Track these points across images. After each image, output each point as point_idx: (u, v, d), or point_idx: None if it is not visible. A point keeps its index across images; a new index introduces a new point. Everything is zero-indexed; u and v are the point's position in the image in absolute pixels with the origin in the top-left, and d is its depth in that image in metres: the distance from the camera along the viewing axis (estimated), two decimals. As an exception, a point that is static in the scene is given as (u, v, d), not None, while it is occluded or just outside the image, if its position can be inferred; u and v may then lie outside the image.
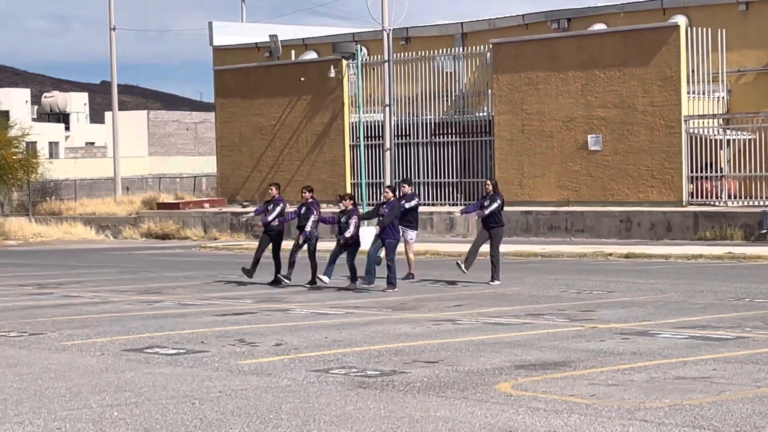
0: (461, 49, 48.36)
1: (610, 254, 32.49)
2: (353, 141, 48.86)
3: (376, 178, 48.51)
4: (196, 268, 29.28)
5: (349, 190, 49.33)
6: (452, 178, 47.43)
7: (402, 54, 48.74)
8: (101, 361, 12.87)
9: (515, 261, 32.30)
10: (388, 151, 47.30)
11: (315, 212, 23.82)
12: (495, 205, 23.82)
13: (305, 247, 23.63)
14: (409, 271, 25.09)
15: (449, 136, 47.48)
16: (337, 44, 46.54)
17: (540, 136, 43.95)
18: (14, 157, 53.04)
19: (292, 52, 54.95)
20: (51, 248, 46.55)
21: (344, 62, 48.66)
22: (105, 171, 73.20)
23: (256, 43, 56.89)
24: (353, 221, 22.78)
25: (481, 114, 46.97)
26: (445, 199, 47.38)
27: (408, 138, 48.48)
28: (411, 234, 24.90)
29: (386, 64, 47.23)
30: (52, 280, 26.49)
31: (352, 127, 48.78)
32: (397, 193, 24.65)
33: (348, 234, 22.82)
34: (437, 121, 47.71)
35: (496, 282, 23.57)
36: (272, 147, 51.89)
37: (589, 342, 14.12)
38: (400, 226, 23.88)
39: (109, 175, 67.21)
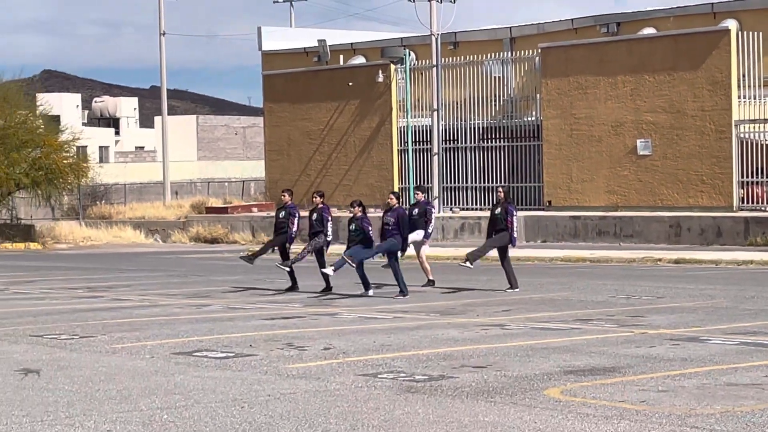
0: (510, 53, 48.25)
1: (660, 260, 32.28)
2: (401, 145, 48.87)
3: (424, 183, 48.47)
4: (243, 272, 29.37)
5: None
6: (500, 182, 47.30)
7: (450, 58, 48.69)
8: (151, 364, 12.93)
9: (563, 266, 32.18)
10: (436, 156, 47.28)
11: (329, 217, 23.41)
12: (514, 217, 23.32)
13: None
14: (428, 279, 24.40)
15: (497, 140, 47.38)
16: (385, 49, 46.59)
17: (589, 140, 43.76)
18: (65, 162, 53.44)
19: (341, 56, 55.07)
20: (101, 252, 46.90)
21: (392, 67, 48.69)
22: (154, 175, 73.63)
23: (305, 48, 57.05)
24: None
25: (529, 118, 46.84)
26: (493, 204, 47.22)
27: (456, 142, 48.43)
28: (417, 235, 23.75)
29: (434, 68, 47.22)
30: (102, 284, 26.67)
31: (400, 131, 48.79)
32: (401, 200, 24.45)
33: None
34: (485, 125, 47.62)
35: (517, 289, 23.00)
36: (320, 151, 52.00)
37: (638, 348, 14.03)
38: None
39: (159, 179, 67.61)
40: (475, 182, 47.72)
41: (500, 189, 24.31)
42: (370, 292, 22.30)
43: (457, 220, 45.35)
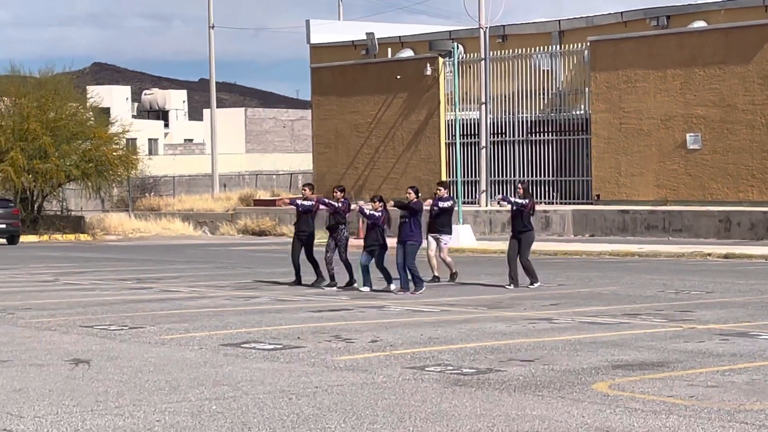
0: (558, 46, 48.07)
1: (709, 254, 32.07)
2: (449, 139, 48.82)
3: (471, 176, 48.44)
4: (291, 265, 29.44)
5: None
6: (548, 176, 47.17)
7: (498, 52, 48.58)
8: (199, 356, 13.01)
9: (612, 260, 32.05)
10: (484, 149, 47.19)
11: (346, 213, 22.98)
12: (522, 201, 22.28)
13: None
14: (452, 271, 24.02)
15: (545, 134, 47.24)
16: (433, 42, 46.52)
17: (638, 134, 43.53)
18: (114, 154, 53.85)
19: (389, 49, 55.07)
20: (150, 243, 47.22)
21: (440, 60, 48.64)
22: (203, 168, 74.00)
23: (353, 41, 57.09)
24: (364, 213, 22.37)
25: (577, 112, 46.65)
26: (541, 198, 47.13)
27: (504, 136, 48.32)
28: (445, 239, 23.79)
29: (483, 61, 47.13)
30: (152, 275, 26.84)
31: (448, 124, 48.74)
32: (450, 192, 24.18)
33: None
34: (533, 119, 47.48)
35: (537, 284, 22.29)
36: (368, 144, 52.06)
37: (687, 343, 13.95)
38: (433, 233, 23.38)
39: (207, 171, 67.96)
40: (523, 176, 47.57)
41: (519, 185, 23.15)
42: (392, 286, 21.79)
43: (505, 213, 45.18)
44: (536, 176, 47.25)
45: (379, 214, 21.98)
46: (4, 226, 47.42)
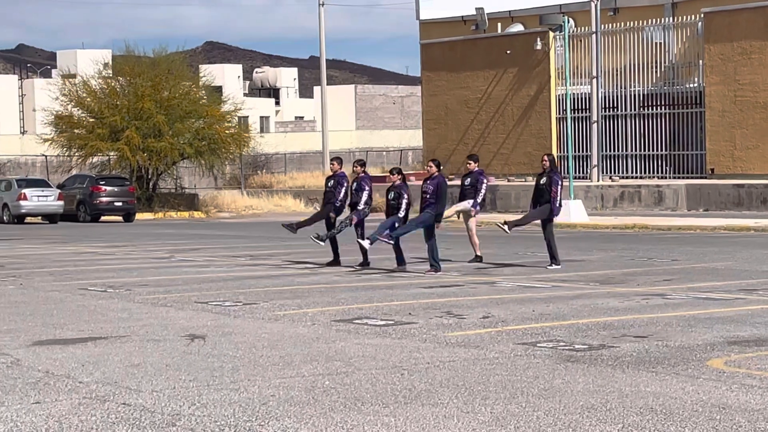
0: (671, 19, 47.37)
1: (828, 229, 31.42)
2: (560, 114, 48.45)
3: (582, 151, 48.04)
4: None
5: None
6: (661, 150, 46.60)
7: (610, 25, 48.04)
8: (312, 331, 13.13)
9: (726, 235, 31.57)
10: (595, 124, 46.74)
11: (367, 187, 22.38)
12: (559, 181, 21.03)
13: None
14: (475, 254, 22.63)
15: (658, 107, 46.63)
16: (543, 16, 46.14)
17: (753, 107, 42.74)
18: (227, 132, 54.46)
19: (498, 24, 54.78)
20: (262, 220, 47.70)
21: (551, 34, 48.25)
22: (314, 145, 74.50)
23: (463, 17, 56.90)
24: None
25: (691, 85, 45.97)
26: (653, 172, 46.61)
27: (615, 110, 47.81)
28: (471, 203, 22.42)
29: (594, 35, 46.64)
30: (264, 252, 27.11)
31: (559, 99, 48.36)
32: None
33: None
34: (645, 92, 46.91)
35: (559, 266, 21.03)
36: (478, 120, 51.89)
37: (805, 319, 13.70)
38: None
39: (318, 148, 68.39)
40: (635, 150, 47.08)
41: (545, 157, 21.47)
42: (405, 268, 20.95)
43: (617, 188, 44.81)
44: (649, 150, 46.69)
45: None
46: (120, 204, 48.29)
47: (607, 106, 47.66)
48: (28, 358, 11.31)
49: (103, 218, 48.56)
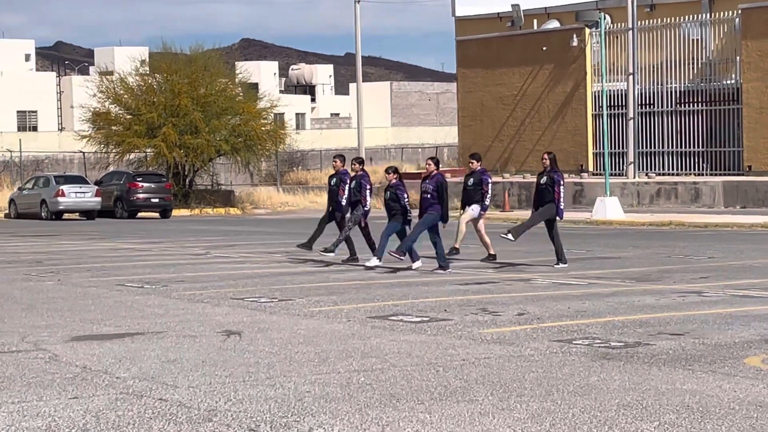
0: (708, 14, 47.10)
1: None
2: (596, 110, 48.29)
3: (618, 148, 47.87)
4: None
5: (591, 161, 48.84)
6: (698, 147, 46.37)
7: (646, 21, 47.84)
8: (347, 328, 13.15)
9: (763, 233, 31.38)
10: (631, 121, 46.56)
11: (368, 186, 22.31)
12: (561, 181, 20.80)
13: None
14: (489, 252, 22.09)
15: (694, 104, 46.40)
16: (580, 12, 46.00)
17: (791, 103, 42.46)
18: (263, 129, 54.61)
19: (534, 21, 54.65)
20: (297, 217, 47.79)
21: (587, 31, 48.10)
22: (349, 141, 74.56)
23: (498, 13, 56.81)
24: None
25: (728, 81, 45.71)
26: (690, 169, 46.39)
27: (651, 107, 47.61)
28: (475, 208, 22.12)
29: (630, 31, 46.46)
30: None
31: (595, 96, 48.20)
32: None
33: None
34: (682, 89, 46.68)
35: (562, 264, 20.69)
36: (513, 117, 51.79)
37: (843, 317, 13.61)
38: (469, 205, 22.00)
39: (353, 145, 68.43)
40: (672, 147, 46.87)
41: (545, 155, 21.17)
42: (415, 264, 20.61)
43: (653, 185, 44.63)
44: (685, 147, 46.45)
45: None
46: (157, 200, 48.51)
47: (643, 102, 47.46)
48: (66, 354, 11.39)
49: (139, 214, 48.80)
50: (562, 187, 20.87)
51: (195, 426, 8.23)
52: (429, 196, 20.54)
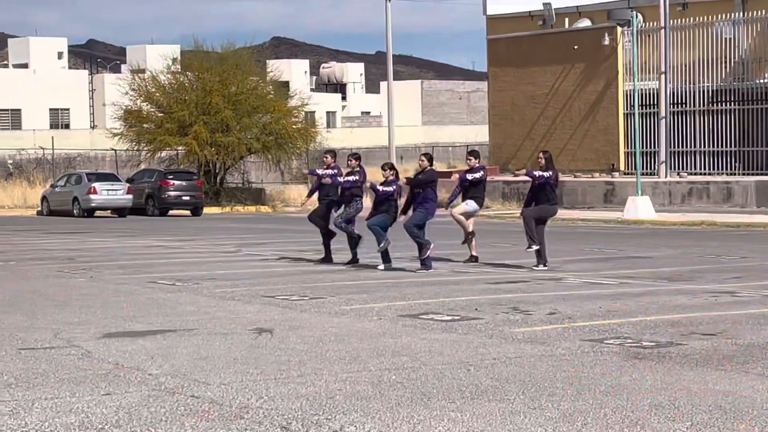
0: (741, 13, 46.84)
1: None
2: (627, 109, 48.11)
3: (650, 147, 47.70)
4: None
5: (622, 160, 48.68)
6: (730, 147, 46.14)
7: (679, 20, 47.63)
8: (378, 326, 13.16)
9: (797, 233, 31.22)
10: (663, 120, 46.38)
11: (362, 180, 22.06)
12: (545, 174, 20.29)
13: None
14: (471, 254, 22.09)
15: (727, 103, 46.15)
16: (611, 11, 45.87)
17: (825, 103, 42.19)
18: (294, 127, 54.70)
19: (566, 19, 54.49)
20: (328, 215, 47.74)
21: (619, 29, 47.93)
22: (380, 140, 74.58)
23: (530, 12, 56.66)
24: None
25: (762, 81, 45.44)
26: (722, 169, 46.16)
27: (684, 106, 47.40)
28: (472, 204, 21.93)
29: (662, 30, 46.27)
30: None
31: (627, 95, 48.03)
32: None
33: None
34: (715, 88, 46.45)
35: (541, 267, 20.36)
36: (544, 116, 51.67)
37: None
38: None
39: (384, 143, 68.44)
40: (704, 146, 46.65)
41: (541, 155, 20.74)
42: (381, 267, 20.59)
43: (685, 185, 44.44)
44: (717, 147, 46.23)
45: (393, 189, 21.01)
46: (188, 198, 48.68)
47: (675, 101, 47.26)
48: (98, 350, 11.45)
49: (171, 212, 48.97)
50: (541, 179, 20.31)
51: (227, 423, 8.26)
52: (420, 191, 20.58)
